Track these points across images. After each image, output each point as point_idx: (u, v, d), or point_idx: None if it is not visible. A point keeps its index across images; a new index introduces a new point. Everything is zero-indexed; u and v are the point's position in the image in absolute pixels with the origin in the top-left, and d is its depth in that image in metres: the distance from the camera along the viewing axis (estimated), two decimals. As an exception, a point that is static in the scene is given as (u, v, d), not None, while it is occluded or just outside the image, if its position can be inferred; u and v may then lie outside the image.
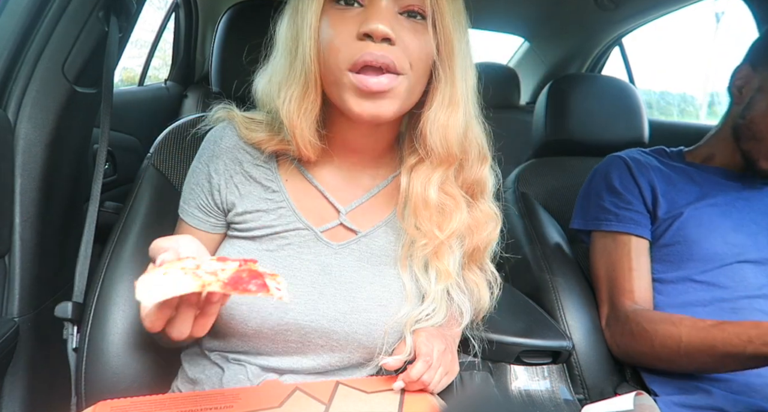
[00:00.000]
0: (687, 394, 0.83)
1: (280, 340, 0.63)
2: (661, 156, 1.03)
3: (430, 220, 0.64)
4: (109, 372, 0.70)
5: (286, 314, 0.62)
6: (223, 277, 0.42)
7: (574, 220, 1.04)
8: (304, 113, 0.59)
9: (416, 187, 0.64)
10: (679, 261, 0.91)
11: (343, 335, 0.63)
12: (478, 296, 0.73)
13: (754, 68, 0.90)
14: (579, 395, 0.89)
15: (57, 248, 0.84)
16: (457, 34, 0.59)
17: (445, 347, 0.65)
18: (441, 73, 0.60)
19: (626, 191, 0.96)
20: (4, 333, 0.72)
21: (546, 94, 1.27)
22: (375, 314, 0.64)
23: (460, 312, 0.71)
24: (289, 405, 0.58)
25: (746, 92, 0.90)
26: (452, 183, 0.67)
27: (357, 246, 0.67)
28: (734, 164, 0.95)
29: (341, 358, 0.65)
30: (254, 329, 0.62)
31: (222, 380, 0.64)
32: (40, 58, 0.74)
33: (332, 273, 0.65)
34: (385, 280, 0.66)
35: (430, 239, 0.64)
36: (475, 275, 0.73)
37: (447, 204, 0.66)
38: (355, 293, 0.64)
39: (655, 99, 3.57)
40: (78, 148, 0.89)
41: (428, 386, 0.62)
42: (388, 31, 0.54)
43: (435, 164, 0.64)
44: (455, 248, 0.68)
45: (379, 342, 0.64)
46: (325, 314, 0.63)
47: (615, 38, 2.16)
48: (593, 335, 0.94)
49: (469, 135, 0.65)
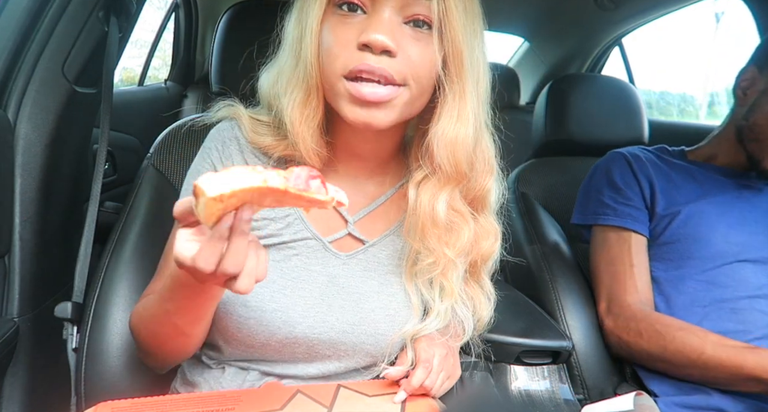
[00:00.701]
0: (687, 394, 0.83)
1: (287, 351, 0.62)
2: (662, 154, 1.03)
3: (438, 239, 0.62)
4: (108, 372, 0.69)
5: (295, 329, 0.60)
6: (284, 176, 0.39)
7: (575, 215, 1.05)
8: (306, 120, 0.58)
9: (424, 205, 0.61)
10: (678, 259, 0.91)
11: (351, 345, 0.63)
12: (475, 309, 0.71)
13: (760, 70, 0.91)
14: (579, 395, 0.89)
15: (57, 248, 0.84)
16: (468, 45, 0.56)
17: (447, 352, 0.65)
18: (448, 87, 0.57)
19: (626, 187, 0.96)
20: (4, 333, 0.72)
21: (546, 95, 1.27)
22: (383, 324, 0.63)
23: (462, 327, 0.69)
24: (290, 408, 0.57)
25: (751, 94, 0.91)
26: (459, 199, 0.64)
27: (364, 256, 0.66)
28: (736, 164, 0.95)
29: (347, 365, 0.65)
30: (261, 343, 0.61)
31: (221, 382, 0.64)
32: (40, 58, 0.74)
33: (340, 284, 0.63)
34: (392, 289, 0.65)
35: (438, 258, 0.62)
36: (472, 289, 0.71)
37: (455, 221, 0.63)
38: (363, 303, 0.63)
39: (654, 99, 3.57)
40: (78, 148, 0.89)
41: (430, 391, 0.61)
42: (388, 44, 0.51)
43: (443, 182, 0.61)
44: (459, 264, 0.66)
45: (386, 351, 0.64)
46: (333, 327, 0.62)
47: (615, 38, 2.16)
48: (593, 335, 0.94)
49: (477, 150, 0.62)
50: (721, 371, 0.78)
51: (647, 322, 0.86)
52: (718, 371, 0.78)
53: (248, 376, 0.64)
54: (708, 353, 0.78)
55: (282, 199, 0.40)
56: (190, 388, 0.66)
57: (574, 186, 1.09)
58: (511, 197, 1.19)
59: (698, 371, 0.80)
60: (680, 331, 0.83)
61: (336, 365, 0.64)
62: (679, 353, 0.81)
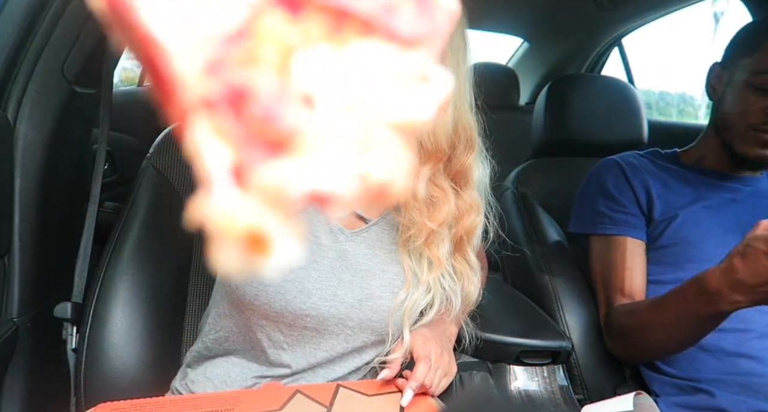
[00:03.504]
0: (687, 394, 0.83)
1: (298, 326, 0.64)
2: (655, 158, 1.04)
3: (420, 212, 0.66)
4: (108, 373, 0.69)
5: (309, 299, 0.63)
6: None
7: (571, 224, 1.05)
8: None
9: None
10: (676, 262, 0.92)
11: (358, 322, 0.65)
12: (463, 284, 0.74)
13: (723, 67, 0.96)
14: (579, 395, 0.89)
15: (56, 248, 0.84)
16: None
17: (442, 350, 0.66)
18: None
19: (620, 195, 0.97)
20: (4, 333, 0.72)
21: (545, 95, 1.27)
22: (388, 301, 0.66)
23: (450, 300, 0.72)
24: (290, 408, 0.57)
25: (719, 89, 0.95)
26: (441, 175, 0.68)
27: (368, 234, 0.69)
28: (723, 164, 0.97)
29: (353, 345, 0.67)
30: (276, 312, 0.62)
31: (226, 382, 0.64)
32: (40, 58, 0.74)
33: (348, 260, 0.66)
34: (395, 268, 0.68)
35: (419, 230, 0.66)
36: (460, 264, 0.74)
37: (436, 196, 0.68)
38: (370, 280, 0.66)
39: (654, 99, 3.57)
40: (77, 149, 0.89)
41: (429, 388, 0.62)
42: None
43: (423, 160, 0.65)
44: (445, 236, 0.70)
45: (389, 328, 0.66)
46: (343, 301, 0.64)
47: (614, 39, 2.16)
48: (592, 335, 0.94)
49: (458, 129, 0.66)
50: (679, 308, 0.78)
51: (621, 314, 0.88)
52: (680, 312, 0.78)
53: (251, 369, 0.64)
54: (666, 301, 0.80)
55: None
56: (191, 387, 0.67)
57: (574, 186, 1.09)
58: (510, 197, 1.19)
59: (673, 329, 0.80)
60: (646, 301, 0.86)
61: (343, 346, 0.66)
62: (653, 318, 0.82)
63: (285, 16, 0.13)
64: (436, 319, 0.70)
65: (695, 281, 0.75)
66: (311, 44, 0.13)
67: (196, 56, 0.13)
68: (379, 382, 0.65)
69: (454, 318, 0.74)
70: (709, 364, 0.84)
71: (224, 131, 0.12)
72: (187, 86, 0.13)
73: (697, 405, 0.81)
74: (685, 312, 0.77)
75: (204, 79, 0.13)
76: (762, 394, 0.79)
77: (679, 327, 0.79)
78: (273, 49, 0.13)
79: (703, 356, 0.84)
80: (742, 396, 0.79)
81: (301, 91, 0.13)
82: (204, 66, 0.13)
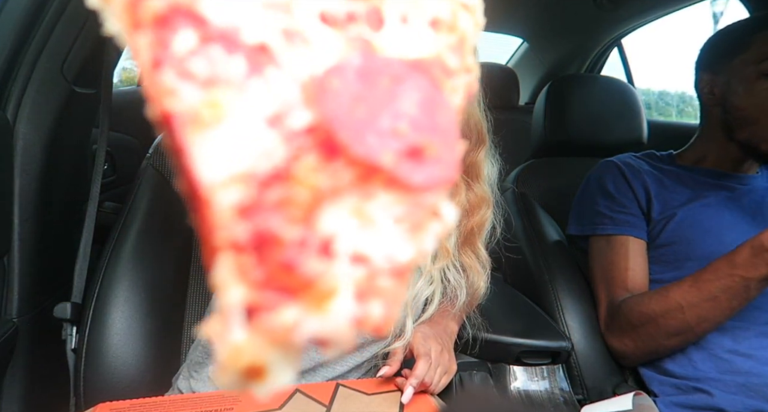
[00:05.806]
0: (686, 394, 0.83)
1: None
2: (651, 159, 1.04)
3: None
4: (107, 373, 0.69)
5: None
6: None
7: (570, 226, 1.05)
8: None
9: None
10: (675, 261, 0.92)
11: None
12: (472, 279, 0.74)
13: (713, 71, 0.94)
14: (578, 395, 0.89)
15: (56, 249, 0.84)
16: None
17: (442, 348, 0.66)
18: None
19: (620, 195, 0.97)
20: (3, 333, 0.72)
21: (545, 95, 1.28)
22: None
23: (455, 294, 0.72)
24: (289, 407, 0.57)
25: (718, 92, 0.94)
26: None
27: None
28: (725, 164, 0.96)
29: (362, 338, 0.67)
30: None
31: None
32: (39, 58, 0.74)
33: None
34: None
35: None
36: (469, 258, 0.74)
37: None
38: None
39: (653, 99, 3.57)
40: (77, 149, 0.89)
41: (429, 386, 0.62)
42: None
43: None
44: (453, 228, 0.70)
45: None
46: None
47: (614, 39, 2.16)
48: (592, 336, 0.94)
49: (470, 123, 0.67)
50: (709, 310, 0.79)
51: (629, 307, 0.87)
52: (707, 312, 0.79)
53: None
54: (685, 305, 0.81)
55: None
56: (193, 384, 0.67)
57: (574, 186, 1.09)
58: (510, 197, 1.19)
59: (706, 305, 0.80)
60: (652, 301, 0.85)
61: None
62: (683, 298, 0.82)
63: (320, 160, 0.13)
64: (438, 314, 0.70)
65: (747, 246, 0.76)
66: (339, 194, 0.13)
67: (233, 197, 0.13)
68: (379, 381, 0.65)
69: (458, 311, 0.74)
70: (707, 363, 0.84)
71: (245, 273, 0.13)
72: (220, 228, 0.13)
73: (695, 405, 0.81)
74: (728, 284, 0.77)
75: (236, 223, 0.13)
76: (761, 394, 0.79)
77: (714, 302, 0.79)
78: (304, 195, 0.13)
79: (701, 356, 0.84)
80: (741, 396, 0.79)
81: (321, 241, 0.13)
82: (238, 209, 0.13)
